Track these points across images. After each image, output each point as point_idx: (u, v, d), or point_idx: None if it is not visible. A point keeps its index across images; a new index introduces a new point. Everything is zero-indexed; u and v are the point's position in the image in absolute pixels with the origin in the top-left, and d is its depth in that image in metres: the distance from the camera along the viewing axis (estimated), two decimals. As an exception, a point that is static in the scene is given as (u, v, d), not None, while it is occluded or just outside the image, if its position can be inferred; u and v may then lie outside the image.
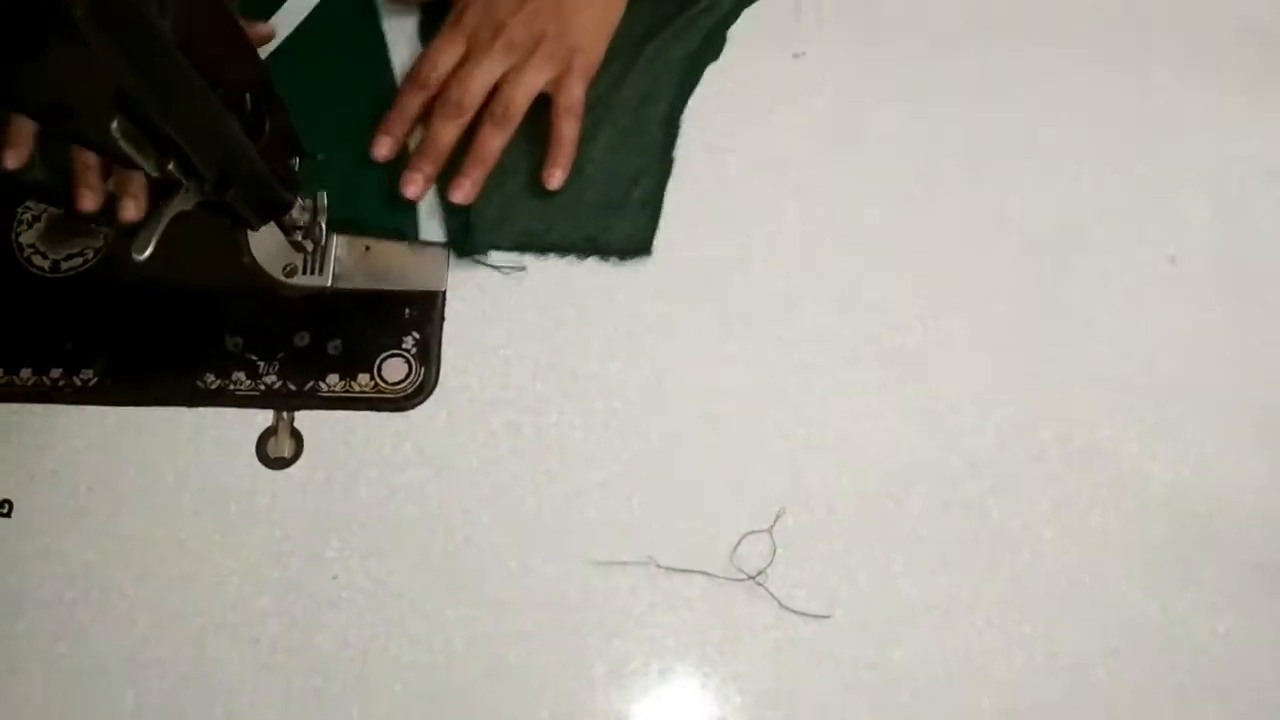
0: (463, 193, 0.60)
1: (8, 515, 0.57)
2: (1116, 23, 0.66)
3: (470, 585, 0.55)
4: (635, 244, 0.61)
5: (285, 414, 0.58)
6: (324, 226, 0.59)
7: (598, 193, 0.61)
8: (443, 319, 0.60)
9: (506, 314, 0.60)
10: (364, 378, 0.59)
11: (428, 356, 0.59)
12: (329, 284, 0.61)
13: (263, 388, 0.59)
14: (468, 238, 0.60)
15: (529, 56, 0.60)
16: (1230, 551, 0.56)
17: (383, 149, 0.61)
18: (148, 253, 0.45)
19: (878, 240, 0.61)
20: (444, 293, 0.60)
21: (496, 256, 0.61)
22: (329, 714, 0.53)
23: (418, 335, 0.60)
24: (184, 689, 0.54)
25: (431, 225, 0.61)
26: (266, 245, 0.61)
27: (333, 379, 0.59)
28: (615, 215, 0.61)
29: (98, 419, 0.58)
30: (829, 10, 0.65)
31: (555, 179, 0.61)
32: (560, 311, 0.60)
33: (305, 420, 0.58)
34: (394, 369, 0.59)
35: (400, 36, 0.65)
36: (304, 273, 0.61)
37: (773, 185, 0.62)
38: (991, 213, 0.61)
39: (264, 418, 0.58)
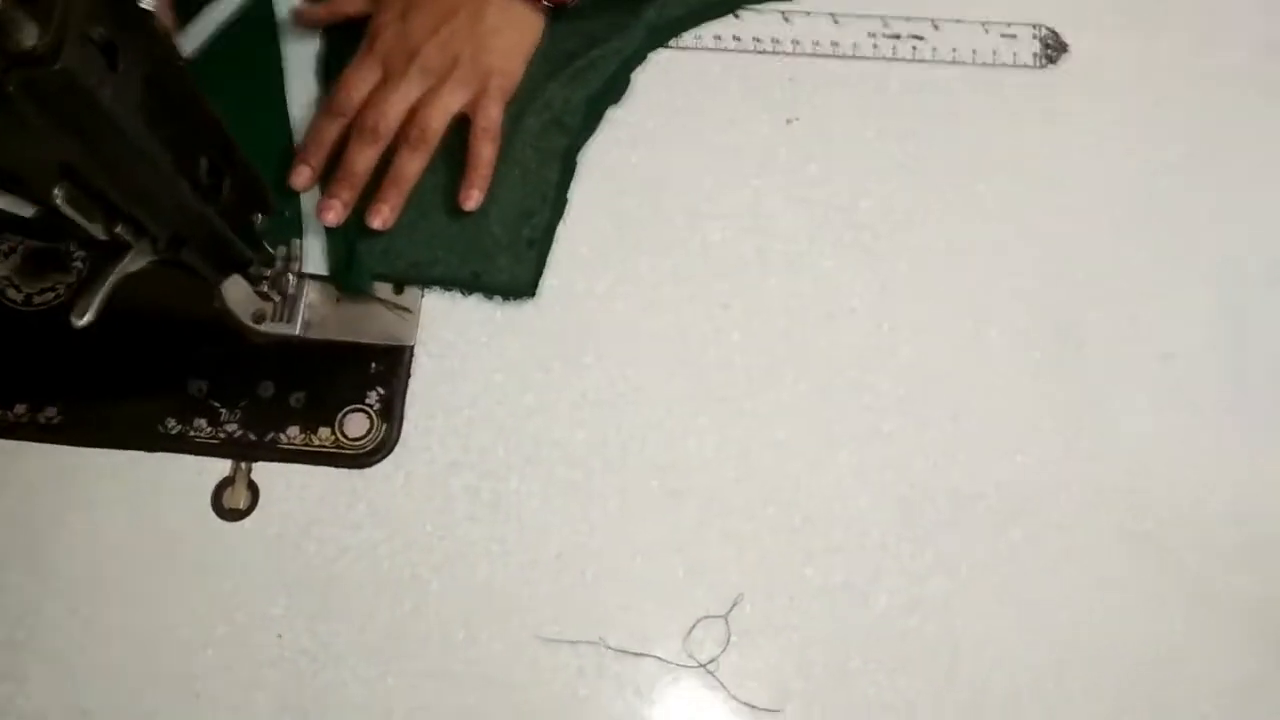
0: (381, 218, 0.59)
1: (-37, 550, 0.56)
2: (1124, 103, 0.63)
3: (414, 654, 0.54)
4: (520, 284, 0.60)
5: (243, 465, 0.58)
6: (293, 276, 0.59)
7: (487, 229, 0.60)
8: (409, 375, 0.59)
9: (474, 374, 0.59)
10: (325, 431, 0.58)
11: (390, 413, 0.58)
12: (298, 332, 0.60)
13: (223, 436, 0.58)
14: (350, 269, 0.59)
15: (444, 80, 0.60)
16: (1206, 673, 0.53)
17: (300, 179, 0.61)
18: (88, 318, 0.44)
19: (861, 318, 0.59)
20: (412, 348, 0.59)
21: (383, 293, 0.60)
22: (262, 779, 0.52)
23: (382, 391, 0.59)
24: (121, 742, 0.53)
25: (315, 255, 0.60)
26: (238, 289, 0.60)
27: (293, 431, 0.58)
28: (503, 253, 0.60)
29: (58, 457, 0.58)
30: (824, 78, 0.63)
31: (472, 199, 0.60)
32: (528, 375, 0.59)
33: (262, 472, 0.57)
34: (355, 424, 0.58)
35: (298, 65, 0.64)
36: (273, 319, 0.60)
37: (757, 254, 0.60)
38: (979, 296, 0.59)
39: (222, 467, 0.58)
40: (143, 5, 0.42)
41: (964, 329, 0.59)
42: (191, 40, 0.65)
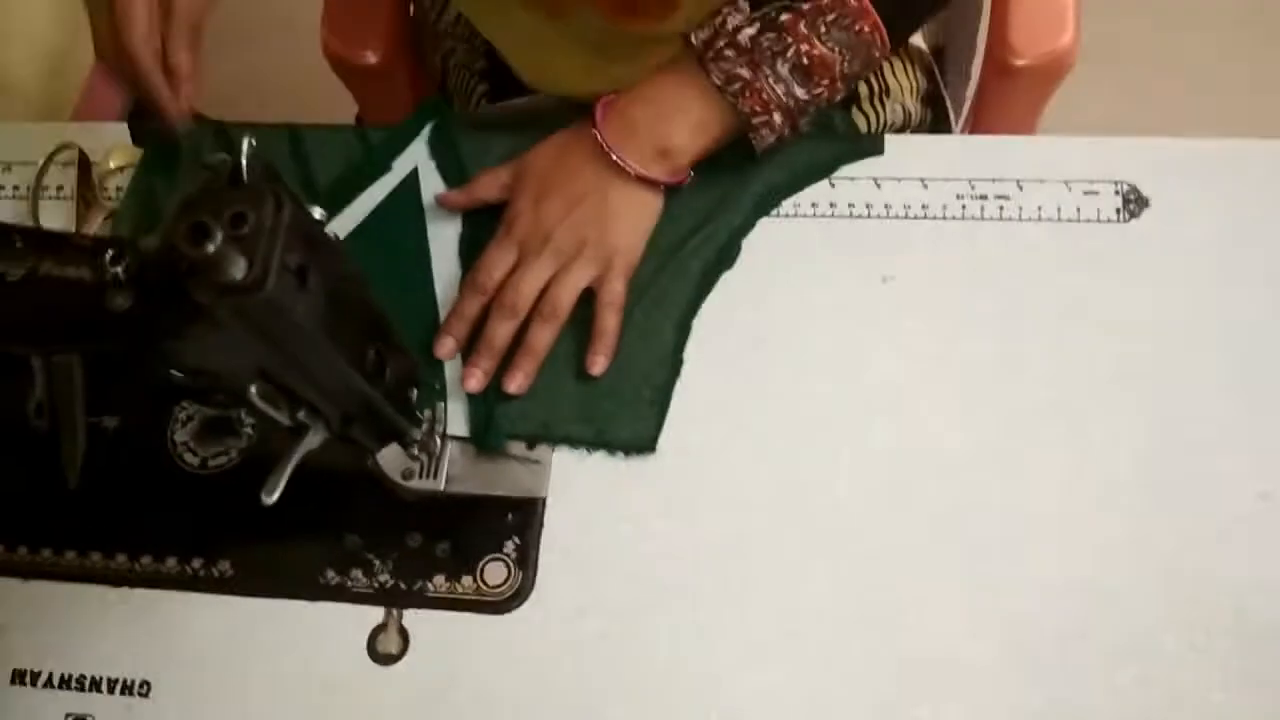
0: (516, 384, 0.66)
1: (146, 696, 0.63)
2: (1209, 251, 0.66)
3: (557, 794, 0.58)
4: (641, 441, 0.65)
5: (395, 611, 0.63)
6: (440, 438, 0.65)
7: (609, 391, 0.66)
8: (542, 525, 0.64)
9: (601, 523, 0.64)
10: (467, 580, 0.63)
11: (526, 561, 0.63)
12: (442, 487, 0.65)
13: (376, 585, 0.63)
14: (488, 430, 0.65)
15: (574, 260, 0.67)
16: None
17: (445, 349, 0.68)
18: (276, 496, 0.50)
19: (965, 466, 0.62)
20: (544, 499, 0.65)
21: (517, 450, 0.66)
22: None
23: (518, 540, 0.64)
24: None
25: (457, 418, 0.66)
26: (390, 451, 0.66)
27: (439, 580, 0.63)
28: (624, 412, 0.66)
29: (232, 607, 0.64)
30: (916, 237, 0.68)
31: (599, 365, 0.66)
32: (651, 523, 0.63)
33: (412, 618, 0.63)
34: (495, 572, 0.63)
35: (441, 246, 0.72)
36: (420, 476, 0.66)
37: (861, 406, 0.65)
38: (1077, 443, 0.62)
39: (376, 614, 0.63)
40: (316, 217, 0.50)
41: (1064, 477, 0.61)
42: (347, 222, 0.73)
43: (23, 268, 0.48)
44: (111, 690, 0.63)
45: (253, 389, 0.48)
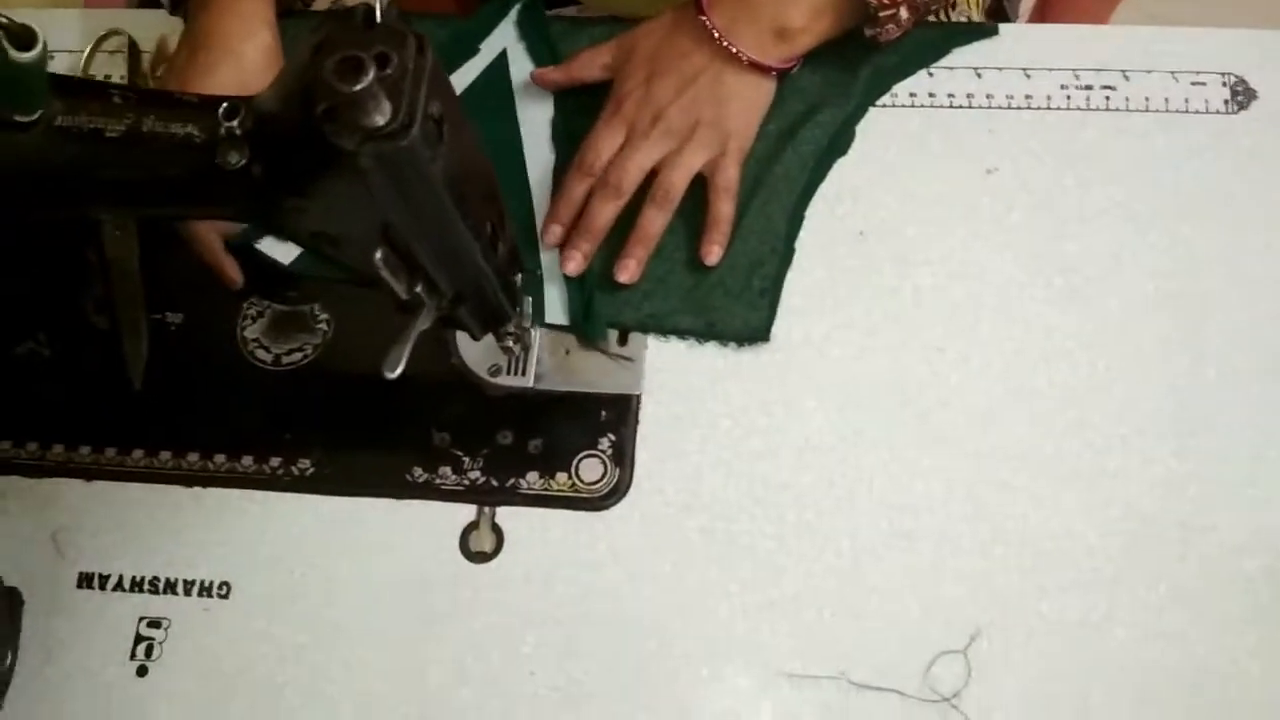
0: (628, 273, 0.63)
1: (226, 597, 0.60)
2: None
3: (662, 691, 0.56)
4: (753, 332, 0.63)
5: (487, 509, 0.61)
6: (531, 331, 0.62)
7: (720, 280, 0.64)
8: (637, 422, 0.62)
9: (699, 419, 0.61)
10: (562, 477, 0.61)
11: (622, 458, 0.61)
12: (531, 384, 0.63)
13: (467, 483, 0.61)
14: (587, 319, 0.63)
15: (686, 142, 0.64)
16: None
17: (552, 236, 0.65)
18: (399, 370, 0.47)
19: (1076, 359, 0.61)
20: (639, 396, 0.62)
21: (608, 347, 0.63)
22: (527, 812, 0.54)
23: (613, 437, 0.61)
24: (389, 777, 0.56)
25: (555, 305, 0.64)
26: (473, 345, 0.63)
27: (532, 477, 0.61)
28: (735, 302, 0.63)
29: (313, 507, 0.61)
30: (1020, 128, 0.66)
31: (713, 254, 0.64)
32: (753, 419, 0.61)
33: (506, 516, 0.60)
34: (590, 469, 0.61)
35: (531, 131, 0.69)
36: (508, 373, 0.63)
37: (968, 299, 0.62)
38: (1193, 335, 0.60)
39: (467, 512, 0.61)
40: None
41: (1180, 367, 0.60)
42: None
43: (122, 124, 0.45)
44: (188, 592, 0.60)
45: (378, 254, 0.45)
